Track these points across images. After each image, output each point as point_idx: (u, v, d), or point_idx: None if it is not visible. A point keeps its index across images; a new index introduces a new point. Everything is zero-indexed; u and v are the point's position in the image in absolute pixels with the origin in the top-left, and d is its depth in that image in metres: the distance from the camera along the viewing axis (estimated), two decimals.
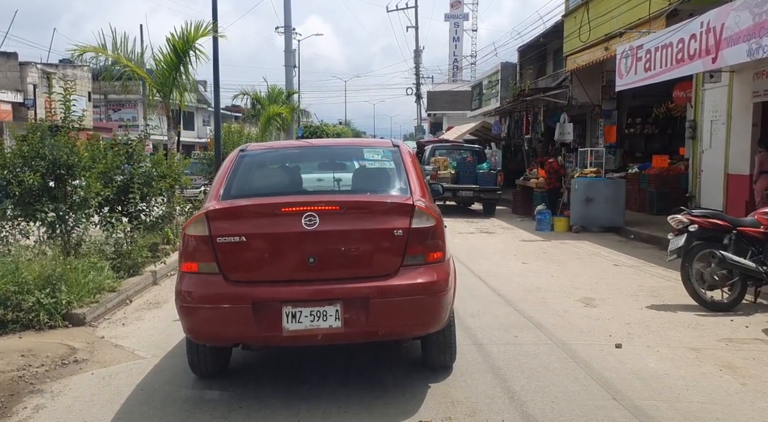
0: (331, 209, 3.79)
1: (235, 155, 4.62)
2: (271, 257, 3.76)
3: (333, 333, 3.68)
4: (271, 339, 3.81)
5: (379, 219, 3.84)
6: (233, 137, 16.72)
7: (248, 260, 3.78)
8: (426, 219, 3.86)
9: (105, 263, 6.90)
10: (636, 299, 6.57)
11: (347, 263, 3.80)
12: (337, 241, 3.77)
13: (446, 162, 16.71)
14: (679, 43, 10.47)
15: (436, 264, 3.86)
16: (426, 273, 3.79)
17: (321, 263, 3.74)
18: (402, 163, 4.43)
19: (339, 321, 3.66)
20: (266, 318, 3.66)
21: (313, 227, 3.71)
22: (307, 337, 3.70)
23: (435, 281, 3.80)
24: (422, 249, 3.83)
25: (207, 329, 3.82)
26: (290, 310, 3.65)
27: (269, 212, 3.88)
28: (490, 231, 12.65)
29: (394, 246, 3.77)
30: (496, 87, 28.35)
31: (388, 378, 4.28)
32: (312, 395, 4.00)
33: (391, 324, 3.78)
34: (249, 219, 3.86)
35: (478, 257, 9.40)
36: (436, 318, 3.86)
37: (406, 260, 3.77)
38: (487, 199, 15.97)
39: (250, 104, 28.04)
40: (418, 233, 3.81)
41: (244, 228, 3.77)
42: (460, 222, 14.35)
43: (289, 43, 31.58)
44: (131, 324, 5.82)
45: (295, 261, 3.76)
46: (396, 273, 3.75)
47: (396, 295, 3.70)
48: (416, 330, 3.94)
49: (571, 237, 11.71)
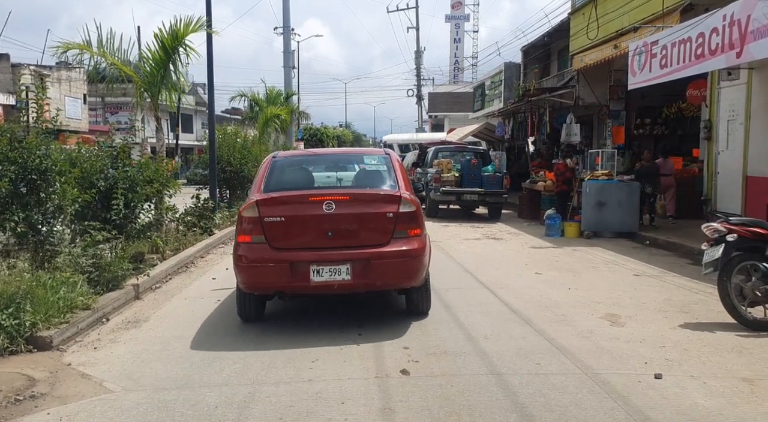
0: (343, 198, 5.44)
1: (270, 160, 6.29)
2: (302, 231, 5.40)
3: (345, 284, 5.28)
4: (302, 288, 5.36)
5: (376, 205, 5.46)
6: (229, 139, 16.08)
7: (286, 233, 5.36)
8: (409, 206, 5.45)
9: (80, 277, 6.28)
10: (666, 316, 5.93)
11: (355, 235, 5.38)
12: (347, 221, 5.37)
13: (450, 164, 16.09)
14: (698, 37, 9.85)
15: (416, 237, 5.45)
16: (409, 243, 5.38)
17: (336, 235, 5.33)
18: (392, 166, 6.08)
19: (349, 276, 5.24)
20: (298, 273, 5.23)
21: (331, 210, 5.30)
22: (327, 286, 5.29)
23: (415, 248, 5.38)
24: (406, 226, 5.40)
25: (257, 281, 5.39)
26: (315, 268, 5.22)
27: (300, 200, 5.52)
28: (497, 237, 12.02)
29: (387, 224, 5.36)
30: (499, 88, 27.74)
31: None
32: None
33: (385, 278, 5.36)
34: (286, 205, 5.46)
35: (487, 266, 8.77)
36: (416, 276, 5.45)
37: (395, 234, 5.36)
38: (493, 202, 15.33)
39: (248, 106, 27.44)
40: (403, 215, 5.40)
41: (282, 212, 5.38)
42: (465, 228, 13.71)
43: (288, 44, 31.03)
44: (104, 348, 5.19)
45: (318, 234, 5.34)
46: (388, 242, 5.34)
47: (388, 258, 5.29)
48: (402, 283, 5.53)
49: (583, 244, 11.08)
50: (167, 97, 10.43)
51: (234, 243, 5.59)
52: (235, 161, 15.35)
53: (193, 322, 5.91)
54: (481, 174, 15.47)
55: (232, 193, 16.05)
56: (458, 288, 7.28)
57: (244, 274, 5.41)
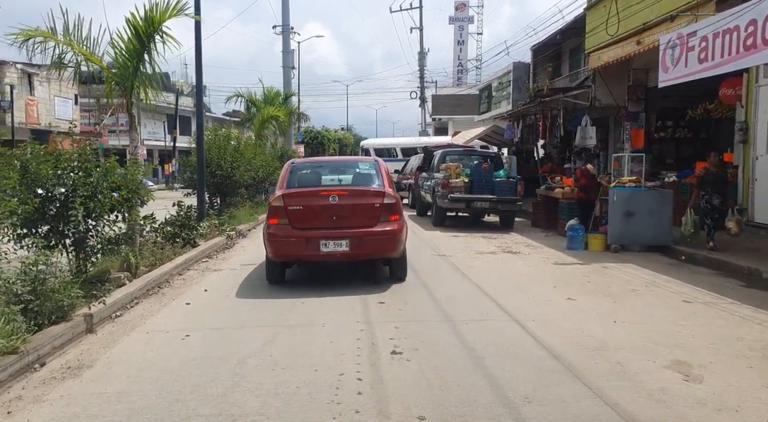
0: (344, 193, 7.51)
1: (290, 165, 8.46)
2: (314, 216, 7.41)
3: (344, 253, 7.30)
4: (314, 256, 7.38)
5: (367, 198, 7.59)
6: (220, 141, 14.83)
7: (303, 217, 7.38)
8: (390, 199, 7.54)
9: (14, 309, 5.04)
10: (750, 364, 4.67)
11: (352, 219, 7.41)
12: (347, 209, 7.43)
13: (458, 169, 14.84)
14: (749, 25, 8.61)
15: (396, 221, 7.50)
16: (390, 225, 7.43)
17: (339, 219, 7.38)
18: (379, 170, 8.15)
19: (348, 248, 7.27)
20: (312, 245, 7.25)
21: (335, 202, 7.38)
22: (332, 255, 7.30)
23: (395, 229, 7.44)
24: (388, 213, 7.47)
25: (283, 251, 7.46)
26: (324, 242, 7.23)
27: (313, 194, 7.62)
28: (514, 251, 10.76)
29: (374, 212, 7.45)
30: (507, 88, 26.52)
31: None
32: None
33: (374, 249, 7.46)
34: (303, 198, 7.55)
35: (510, 289, 7.52)
36: (396, 249, 7.52)
37: (381, 219, 7.43)
38: (506, 210, 14.06)
39: (245, 107, 26.24)
40: (386, 206, 7.49)
41: (301, 202, 7.46)
42: (477, 238, 12.46)
43: (287, 43, 29.87)
44: (23, 412, 3.94)
45: (326, 218, 7.39)
46: (376, 224, 7.39)
47: (376, 235, 7.35)
48: (386, 254, 7.61)
49: (612, 259, 9.83)
50: (144, 93, 9.17)
51: (265, 225, 7.69)
52: (225, 165, 14.13)
53: (146, 369, 4.66)
54: (493, 179, 14.22)
55: (223, 199, 14.82)
56: (479, 319, 6.02)
57: (274, 246, 7.42)
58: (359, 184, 8.05)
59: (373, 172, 8.14)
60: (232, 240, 12.03)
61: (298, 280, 8.15)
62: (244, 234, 13.06)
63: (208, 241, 11.13)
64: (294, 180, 7.97)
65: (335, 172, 8.69)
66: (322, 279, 8.13)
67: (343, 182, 8.25)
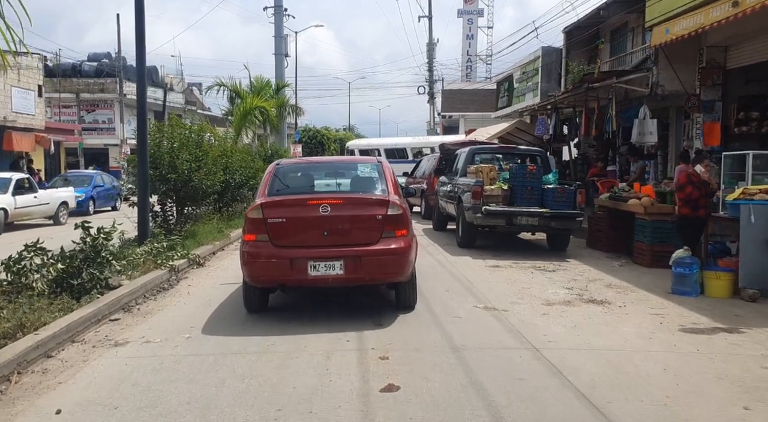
0: (338, 202, 6.15)
1: (273, 166, 7.07)
2: (301, 231, 6.12)
3: (338, 278, 5.98)
4: (300, 281, 6.10)
5: (367, 208, 6.24)
6: (178, 135, 11.13)
7: (287, 232, 6.08)
8: (396, 209, 6.15)
9: None
10: None
11: (348, 235, 6.09)
12: (342, 221, 6.09)
13: (493, 172, 11.15)
14: None
15: (403, 237, 6.12)
16: (396, 242, 6.06)
17: (332, 235, 6.04)
18: (382, 173, 6.77)
19: (342, 270, 5.94)
20: (298, 268, 5.94)
21: (327, 213, 6.00)
22: (322, 280, 5.99)
23: (402, 247, 6.06)
24: (394, 227, 6.10)
25: (261, 274, 6.11)
26: (312, 263, 5.92)
27: (300, 203, 6.29)
28: (598, 299, 7.04)
29: (377, 225, 6.07)
30: (533, 78, 22.85)
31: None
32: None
33: (375, 273, 6.09)
34: (287, 208, 6.23)
35: (643, 398, 3.82)
36: (403, 271, 6.13)
37: (384, 234, 6.06)
38: (562, 229, 10.36)
39: (229, 99, 22.57)
40: (391, 217, 6.10)
41: (284, 213, 6.11)
42: (527, 271, 8.76)
43: (280, 27, 26.21)
44: None
45: (316, 234, 6.05)
46: (377, 241, 6.03)
47: (377, 255, 5.99)
48: (390, 278, 6.26)
49: (763, 316, 6.15)
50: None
51: (241, 242, 6.31)
52: (182, 166, 10.48)
53: None
54: (542, 186, 10.55)
55: (180, 211, 11.15)
56: None
57: (250, 269, 6.09)
58: (358, 190, 6.88)
59: (375, 176, 6.88)
60: (177, 274, 8.36)
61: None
62: (201, 261, 9.38)
63: (138, 279, 7.48)
64: (278, 185, 6.69)
65: (329, 176, 7.65)
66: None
67: (339, 188, 7.22)
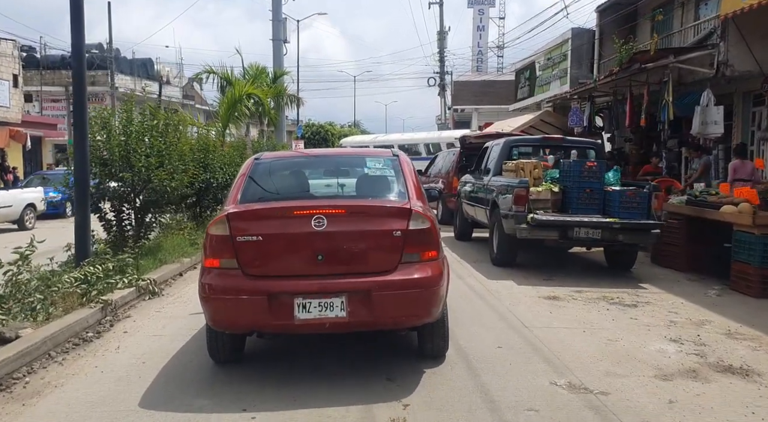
0: (338, 212, 4.18)
1: (251, 163, 5.03)
2: (284, 254, 4.17)
3: (339, 322, 4.06)
4: (284, 328, 4.17)
5: (380, 221, 4.22)
6: (132, 124, 8.70)
7: (264, 256, 4.14)
8: (422, 222, 4.19)
9: None
10: None
11: (352, 260, 4.16)
12: (342, 240, 4.15)
13: (538, 170, 8.70)
14: None
15: (431, 262, 4.19)
16: (421, 270, 4.13)
17: (328, 260, 4.12)
18: (400, 170, 4.77)
19: (344, 312, 4.03)
20: (280, 308, 4.02)
21: (322, 228, 4.08)
22: (316, 325, 4.10)
23: (430, 276, 4.13)
24: (418, 248, 4.17)
25: (227, 317, 4.18)
26: (301, 301, 4.02)
27: (283, 214, 4.29)
28: (734, 367, 4.60)
29: (393, 245, 4.13)
30: (560, 65, 20.40)
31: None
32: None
33: (391, 314, 4.14)
34: (265, 221, 4.24)
35: None
36: (431, 310, 4.20)
37: (404, 258, 4.12)
38: (631, 244, 7.89)
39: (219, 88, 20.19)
40: (414, 234, 4.15)
41: (260, 229, 4.14)
42: (596, 305, 6.36)
43: (278, 10, 23.82)
44: None
45: (306, 258, 4.13)
46: (395, 269, 4.10)
47: (395, 289, 4.06)
48: (413, 321, 4.28)
49: None
50: None
51: (200, 269, 4.34)
52: (138, 163, 8.09)
53: None
54: (603, 188, 8.11)
55: (138, 220, 8.75)
56: None
57: (211, 309, 4.21)
58: (367, 194, 4.83)
59: (390, 174, 4.84)
60: (114, 312, 5.99)
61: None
62: (156, 289, 7.01)
63: (47, 326, 5.11)
64: (254, 189, 4.66)
65: (326, 175, 5.50)
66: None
67: (341, 192, 5.06)
